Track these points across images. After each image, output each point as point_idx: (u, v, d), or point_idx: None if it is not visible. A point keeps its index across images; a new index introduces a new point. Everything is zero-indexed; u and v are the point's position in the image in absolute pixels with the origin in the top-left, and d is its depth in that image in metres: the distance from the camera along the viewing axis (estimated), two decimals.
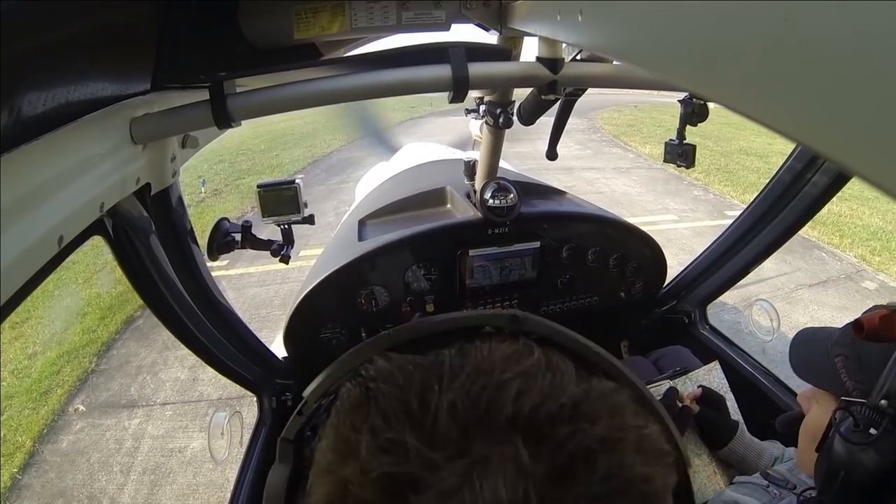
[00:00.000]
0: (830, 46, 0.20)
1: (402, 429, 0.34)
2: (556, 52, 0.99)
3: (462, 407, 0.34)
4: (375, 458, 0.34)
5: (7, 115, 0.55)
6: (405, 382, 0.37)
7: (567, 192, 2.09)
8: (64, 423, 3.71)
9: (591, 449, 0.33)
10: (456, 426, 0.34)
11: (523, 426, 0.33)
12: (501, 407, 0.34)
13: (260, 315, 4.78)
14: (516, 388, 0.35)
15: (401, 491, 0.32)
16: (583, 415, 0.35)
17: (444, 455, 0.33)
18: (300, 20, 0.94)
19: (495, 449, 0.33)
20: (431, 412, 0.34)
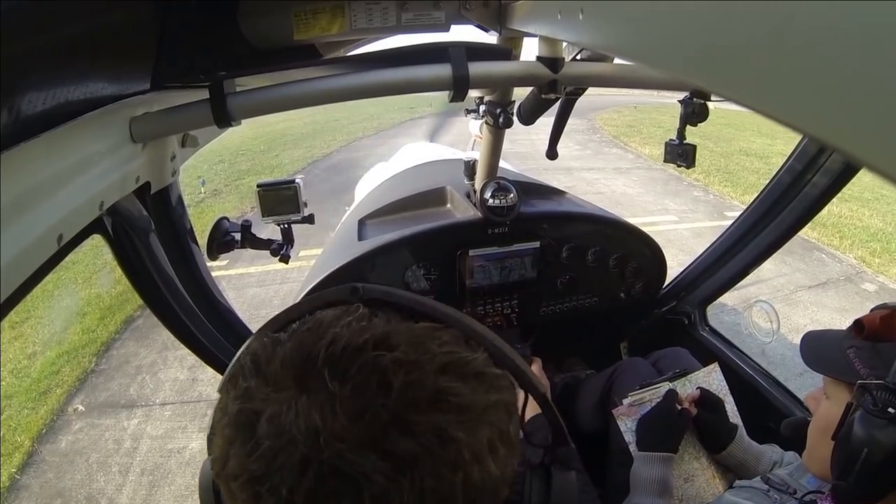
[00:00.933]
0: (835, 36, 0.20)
1: (251, 379, 0.46)
2: (557, 52, 0.99)
3: (290, 357, 0.45)
4: (233, 403, 0.45)
5: (7, 114, 0.55)
6: (262, 351, 0.48)
7: (567, 192, 2.08)
8: (63, 423, 3.71)
9: (385, 369, 0.43)
10: (286, 372, 0.44)
11: (332, 362, 0.43)
12: (318, 352, 0.44)
13: (260, 315, 4.77)
14: (331, 336, 0.45)
15: (249, 422, 0.43)
16: (382, 345, 0.44)
17: (276, 391, 0.44)
18: (300, 21, 0.94)
19: (312, 383, 0.43)
20: (272, 365, 0.46)
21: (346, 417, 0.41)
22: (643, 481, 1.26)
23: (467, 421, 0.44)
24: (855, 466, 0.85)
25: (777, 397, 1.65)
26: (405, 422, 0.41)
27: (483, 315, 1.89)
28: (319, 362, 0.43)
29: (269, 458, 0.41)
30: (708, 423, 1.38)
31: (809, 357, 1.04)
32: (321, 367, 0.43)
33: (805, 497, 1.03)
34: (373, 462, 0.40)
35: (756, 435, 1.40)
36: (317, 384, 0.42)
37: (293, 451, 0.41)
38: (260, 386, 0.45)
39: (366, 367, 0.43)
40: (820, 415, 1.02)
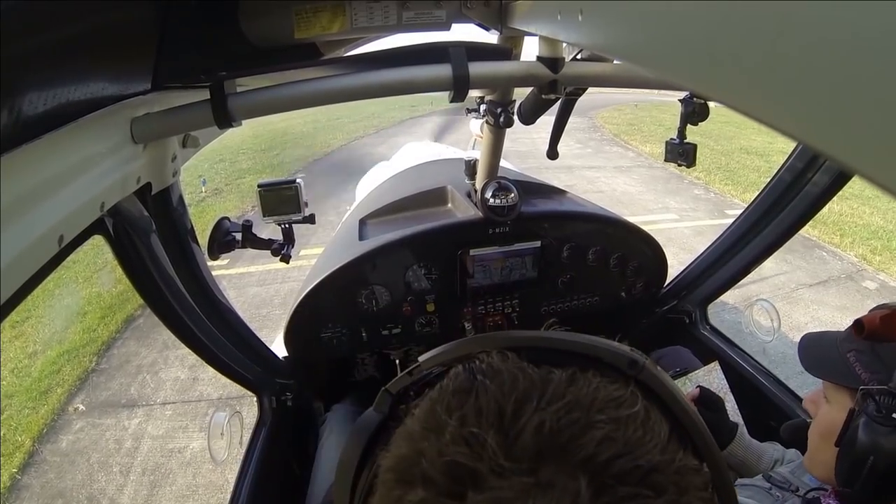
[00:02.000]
0: (832, 45, 0.20)
1: (489, 429, 0.36)
2: (557, 52, 0.99)
3: (548, 430, 0.36)
4: (455, 444, 0.36)
5: (8, 115, 0.55)
6: (509, 387, 0.39)
7: (568, 192, 2.08)
8: (64, 423, 3.71)
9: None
10: (535, 446, 0.35)
11: (594, 469, 0.35)
12: (583, 445, 0.35)
13: (260, 314, 4.79)
14: (603, 434, 0.36)
15: (464, 482, 0.35)
16: (652, 483, 0.36)
17: (515, 467, 0.34)
18: (300, 20, 0.94)
19: (561, 479, 0.34)
20: (519, 425, 0.36)
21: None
22: None
23: None
24: (861, 474, 0.85)
25: (778, 396, 1.65)
26: None
27: (484, 315, 1.90)
28: (578, 458, 0.35)
29: None
30: (708, 422, 1.38)
31: (808, 361, 1.04)
32: (578, 466, 0.35)
33: (808, 494, 1.03)
34: None
35: (757, 433, 1.40)
36: (564, 484, 0.34)
37: None
38: (495, 448, 0.35)
39: (626, 502, 0.35)
40: (820, 419, 1.02)
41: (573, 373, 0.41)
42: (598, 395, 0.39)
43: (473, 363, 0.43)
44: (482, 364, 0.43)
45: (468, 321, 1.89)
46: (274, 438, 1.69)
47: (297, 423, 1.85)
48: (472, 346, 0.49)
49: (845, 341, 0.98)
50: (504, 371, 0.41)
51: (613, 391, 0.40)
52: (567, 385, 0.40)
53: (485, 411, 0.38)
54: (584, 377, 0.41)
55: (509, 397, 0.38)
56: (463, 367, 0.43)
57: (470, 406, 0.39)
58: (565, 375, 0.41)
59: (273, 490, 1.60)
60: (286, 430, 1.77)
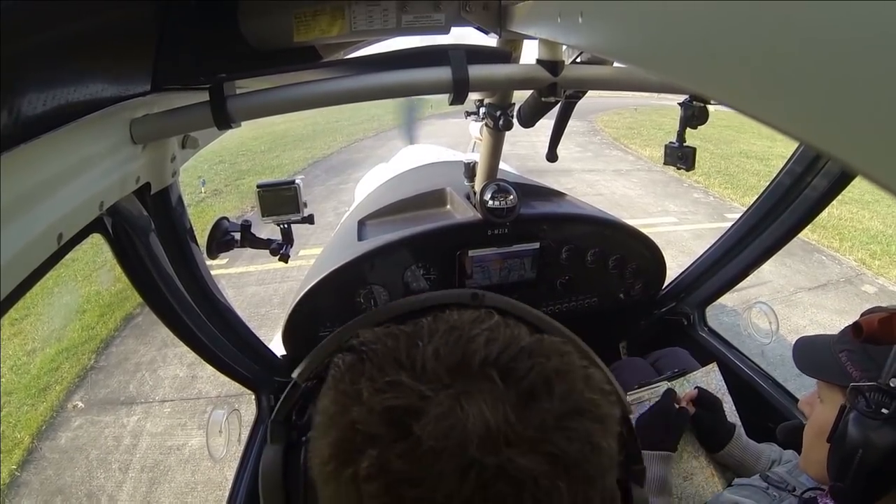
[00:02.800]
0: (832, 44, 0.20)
1: (397, 373, 0.42)
2: (556, 55, 0.99)
3: (443, 353, 0.43)
4: (378, 396, 0.41)
5: (7, 114, 0.56)
6: (393, 343, 0.45)
7: (567, 194, 2.08)
8: (63, 420, 3.71)
9: (548, 377, 0.43)
10: (440, 368, 0.42)
11: (493, 364, 0.42)
12: (475, 352, 0.43)
13: (259, 313, 4.79)
14: (484, 339, 0.44)
15: (403, 420, 0.39)
16: (539, 353, 0.45)
17: (433, 388, 0.41)
18: (300, 22, 0.94)
19: (474, 383, 0.41)
20: (419, 359, 0.43)
21: (516, 419, 0.40)
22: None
23: (604, 431, 0.44)
24: (851, 468, 0.86)
25: (776, 397, 1.66)
26: (566, 427, 0.41)
27: None
28: (478, 360, 0.42)
29: (430, 461, 0.38)
30: (706, 423, 1.39)
31: (802, 362, 1.06)
32: (484, 367, 0.42)
33: (804, 494, 1.04)
34: (539, 464, 0.39)
35: (755, 435, 1.41)
36: (482, 385, 0.41)
37: (461, 454, 0.38)
38: (411, 382, 0.41)
39: (532, 371, 0.42)
40: (814, 418, 1.03)
41: (434, 316, 0.49)
42: (464, 318, 0.47)
43: (349, 345, 0.48)
44: (357, 342, 0.47)
45: None
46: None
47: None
48: (333, 342, 0.56)
49: (838, 342, 1.00)
50: (380, 336, 0.47)
51: (472, 315, 0.48)
52: (435, 322, 0.47)
53: (385, 364, 0.44)
54: (445, 314, 0.49)
55: (397, 349, 0.45)
56: (342, 354, 0.48)
57: (370, 368, 0.44)
58: (429, 319, 0.48)
59: None
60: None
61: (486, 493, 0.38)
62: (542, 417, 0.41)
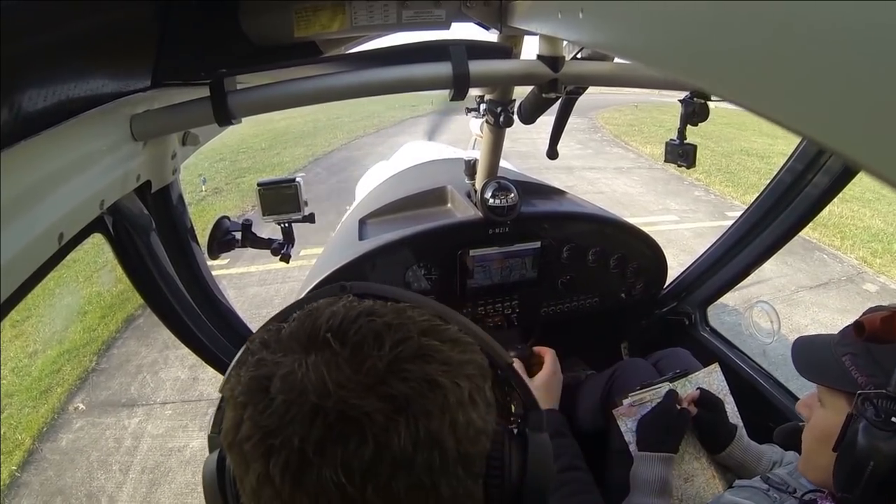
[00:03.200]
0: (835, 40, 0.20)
1: (262, 352, 0.52)
2: (557, 51, 0.99)
3: (295, 329, 0.53)
4: (247, 372, 0.51)
5: (8, 111, 0.55)
6: (266, 335, 0.54)
7: (568, 192, 2.08)
8: (64, 422, 3.71)
9: (378, 331, 0.50)
10: (292, 341, 0.52)
11: (331, 331, 0.50)
12: (319, 326, 0.51)
13: (261, 314, 4.78)
14: (329, 313, 0.53)
15: (263, 384, 0.48)
16: (372, 313, 0.53)
17: (285, 356, 0.50)
18: (300, 18, 0.94)
19: (317, 348, 0.50)
20: (280, 339, 0.53)
21: (349, 369, 0.47)
22: (643, 481, 1.26)
23: (449, 371, 0.50)
24: (861, 479, 0.84)
25: (778, 398, 1.65)
26: (399, 370, 0.48)
27: (483, 315, 1.89)
28: (322, 331, 0.50)
29: (283, 412, 0.46)
30: (708, 424, 1.38)
31: (803, 365, 1.03)
32: (324, 333, 0.50)
33: (805, 496, 1.03)
34: (373, 404, 0.46)
35: (756, 435, 1.40)
36: (322, 347, 0.49)
37: (304, 402, 0.46)
38: (270, 355, 0.51)
39: (361, 330, 0.50)
40: (815, 423, 1.01)
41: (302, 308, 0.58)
42: (320, 304, 0.56)
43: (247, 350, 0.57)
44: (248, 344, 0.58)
45: None
46: None
47: None
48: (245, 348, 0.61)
49: (840, 344, 0.97)
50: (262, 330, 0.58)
51: (330, 301, 0.57)
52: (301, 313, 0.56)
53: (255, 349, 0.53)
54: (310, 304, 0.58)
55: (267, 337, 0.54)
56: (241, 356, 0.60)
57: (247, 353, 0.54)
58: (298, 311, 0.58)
59: None
60: None
61: (332, 433, 0.45)
62: (373, 363, 0.48)
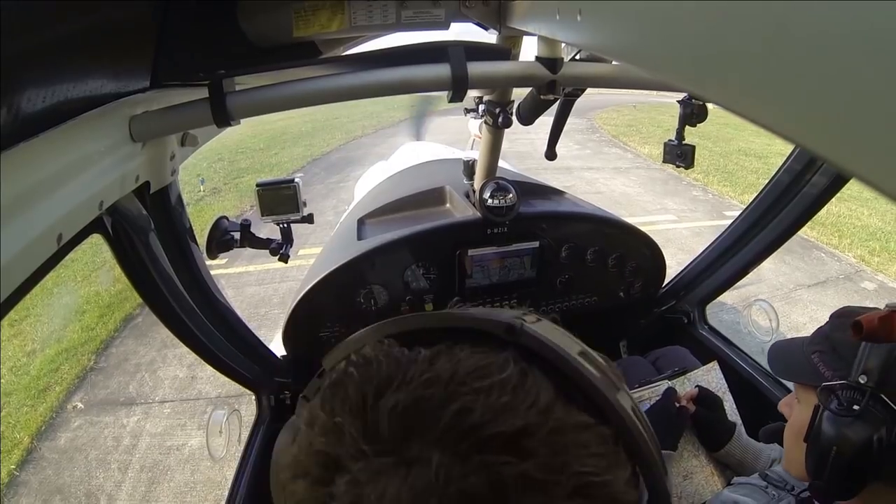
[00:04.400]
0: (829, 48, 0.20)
1: (349, 417, 0.38)
2: (556, 52, 0.99)
3: (401, 410, 0.37)
4: (322, 435, 0.39)
5: (6, 113, 0.55)
6: (373, 373, 0.40)
7: (566, 192, 2.08)
8: (62, 421, 3.71)
9: (506, 483, 0.34)
10: (393, 427, 0.36)
11: (451, 442, 0.35)
12: (439, 419, 0.36)
13: (259, 313, 4.78)
14: (461, 404, 0.36)
15: (330, 469, 0.38)
16: (517, 447, 0.35)
17: (375, 449, 0.36)
18: (299, 18, 0.94)
19: (417, 456, 0.35)
20: (378, 409, 0.37)
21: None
22: None
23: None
24: (827, 464, 0.89)
25: (776, 395, 1.65)
26: None
27: None
28: (438, 431, 0.36)
29: None
30: (706, 421, 1.39)
31: (777, 366, 1.11)
32: (434, 441, 0.35)
33: (802, 493, 1.04)
34: None
35: (755, 433, 1.41)
36: (422, 460, 0.35)
37: None
38: (356, 433, 0.37)
39: (485, 470, 0.34)
40: (793, 420, 1.06)
41: (439, 350, 0.41)
42: (459, 368, 0.39)
43: (349, 356, 0.45)
44: (357, 355, 0.44)
45: None
46: (272, 436, 1.69)
47: None
48: (362, 339, 0.49)
49: (810, 344, 1.04)
50: (372, 358, 0.42)
51: (479, 360, 0.40)
52: (429, 363, 0.40)
53: (349, 400, 0.39)
54: (450, 352, 0.41)
55: (371, 384, 0.39)
56: (346, 361, 0.44)
57: (338, 397, 0.40)
58: (430, 354, 0.41)
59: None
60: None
61: None
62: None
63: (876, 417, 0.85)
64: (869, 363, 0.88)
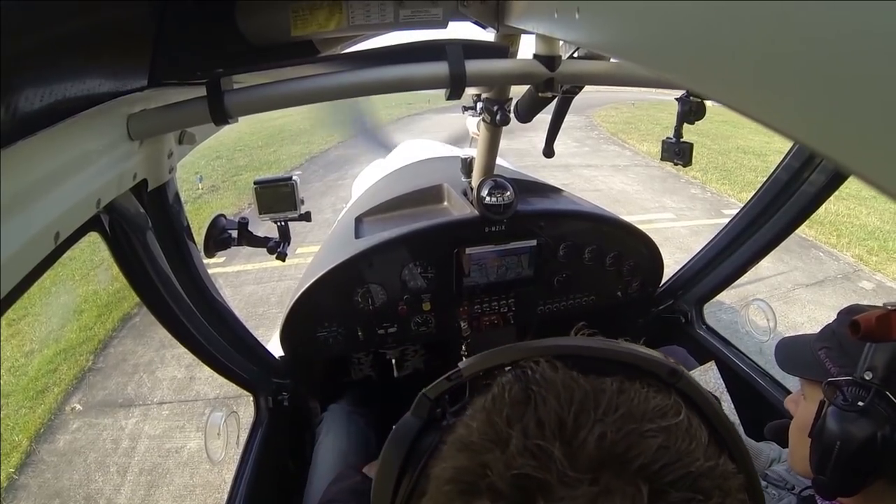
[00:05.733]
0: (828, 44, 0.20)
1: (553, 440, 0.38)
2: (554, 50, 0.99)
3: (610, 440, 0.38)
4: (522, 457, 0.37)
5: (4, 111, 0.55)
6: (566, 398, 0.41)
7: (564, 190, 2.08)
8: (61, 423, 3.70)
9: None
10: (598, 455, 0.37)
11: (651, 477, 0.36)
12: (640, 454, 0.37)
13: (257, 313, 4.78)
14: (657, 443, 0.38)
15: (532, 493, 0.36)
16: (701, 488, 0.38)
17: (580, 477, 0.36)
18: (297, 17, 0.94)
19: (621, 487, 0.36)
20: (581, 436, 0.38)
21: None
22: None
23: None
24: (831, 460, 0.89)
25: (774, 395, 1.66)
26: None
27: (480, 313, 1.90)
28: (637, 466, 0.37)
29: None
30: None
31: (784, 362, 1.11)
32: (639, 474, 0.37)
33: (804, 492, 1.04)
34: None
35: (753, 433, 1.41)
36: (623, 491, 0.36)
37: None
38: (562, 458, 0.37)
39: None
40: (798, 415, 1.06)
41: (621, 382, 0.43)
42: (648, 406, 0.41)
43: (524, 373, 0.45)
44: (534, 374, 0.44)
45: (464, 320, 1.89)
46: (270, 438, 1.69)
47: (293, 423, 1.85)
48: (514, 354, 0.50)
49: (818, 340, 1.04)
50: (557, 381, 0.42)
51: (660, 401, 0.42)
52: (618, 395, 0.41)
53: (546, 423, 0.39)
54: (633, 387, 0.43)
55: (568, 408, 0.40)
56: (514, 376, 0.45)
57: (530, 417, 0.40)
58: (615, 386, 0.43)
59: (270, 489, 1.60)
60: (283, 429, 1.77)
61: None
62: None
63: (880, 414, 0.86)
64: (875, 360, 0.89)
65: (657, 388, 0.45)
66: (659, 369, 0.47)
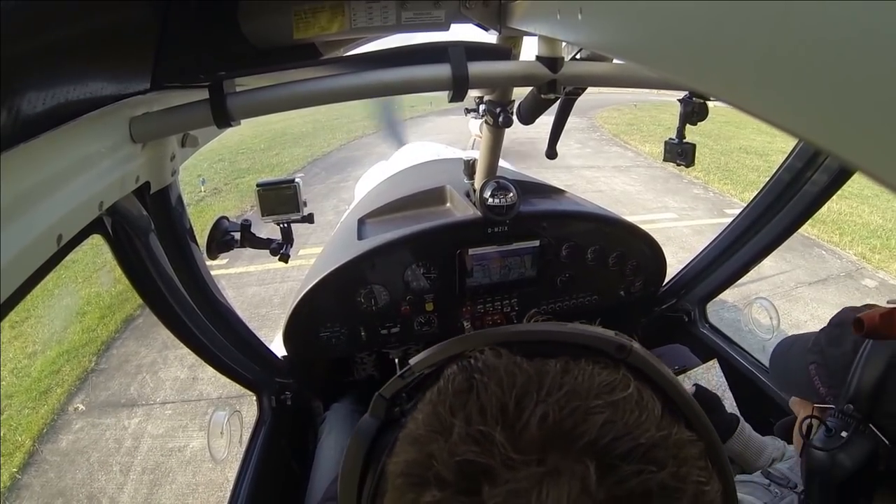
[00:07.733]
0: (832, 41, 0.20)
1: (495, 425, 0.38)
2: (556, 51, 0.99)
3: (552, 420, 0.38)
4: (464, 444, 0.38)
5: (7, 114, 0.55)
6: (508, 383, 0.41)
7: (566, 191, 2.08)
8: (63, 423, 3.71)
9: (650, 490, 0.36)
10: (541, 436, 0.37)
11: (598, 453, 0.36)
12: (586, 430, 0.37)
13: (259, 314, 4.79)
14: (603, 418, 0.38)
15: (477, 479, 0.36)
16: (653, 458, 0.38)
17: (524, 459, 0.36)
18: (300, 20, 0.94)
19: (569, 465, 0.36)
20: (524, 417, 0.38)
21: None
22: None
23: None
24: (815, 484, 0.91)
25: (777, 393, 1.66)
26: None
27: (483, 314, 1.90)
28: (584, 443, 0.37)
29: None
30: None
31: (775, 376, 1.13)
32: (586, 450, 0.37)
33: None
34: None
35: (756, 430, 1.41)
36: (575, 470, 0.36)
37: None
38: (504, 442, 0.37)
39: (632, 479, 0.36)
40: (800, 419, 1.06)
41: (566, 362, 0.43)
42: (594, 382, 0.41)
43: (468, 362, 0.45)
44: (477, 363, 0.44)
45: (467, 320, 1.89)
46: (273, 437, 1.69)
47: (296, 422, 1.85)
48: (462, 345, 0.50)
49: (810, 352, 1.02)
50: (500, 367, 0.43)
51: (606, 376, 0.42)
52: (562, 375, 0.41)
53: (488, 408, 0.39)
54: (578, 366, 0.43)
55: (510, 393, 0.40)
56: (458, 367, 0.45)
57: (472, 405, 0.40)
58: (559, 366, 0.43)
59: (272, 488, 1.61)
60: (285, 429, 1.77)
61: None
62: None
63: (863, 446, 0.86)
64: (858, 389, 0.88)
65: (604, 364, 0.44)
66: (606, 346, 0.47)
